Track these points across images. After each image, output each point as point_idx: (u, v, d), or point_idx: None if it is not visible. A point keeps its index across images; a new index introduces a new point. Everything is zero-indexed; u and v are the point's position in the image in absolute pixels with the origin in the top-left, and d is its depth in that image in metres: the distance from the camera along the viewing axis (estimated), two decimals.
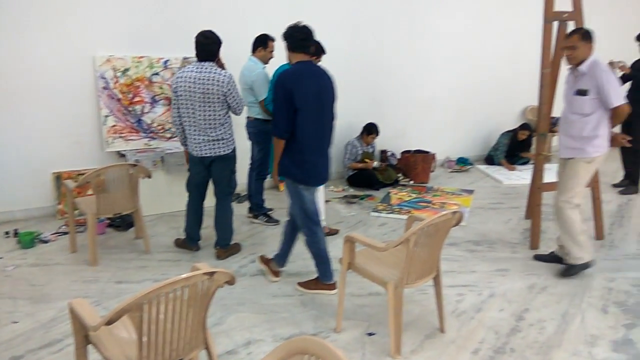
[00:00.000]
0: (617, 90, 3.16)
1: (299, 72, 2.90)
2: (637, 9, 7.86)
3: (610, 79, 3.14)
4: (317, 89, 2.91)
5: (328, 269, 3.15)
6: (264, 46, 4.18)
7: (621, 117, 3.22)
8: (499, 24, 6.72)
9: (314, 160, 2.98)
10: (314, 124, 2.92)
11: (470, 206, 5.06)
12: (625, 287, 3.31)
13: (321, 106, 2.95)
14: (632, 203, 5.17)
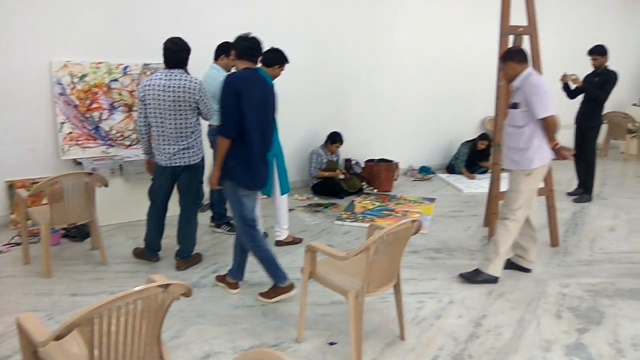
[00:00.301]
0: (544, 103, 3.22)
1: (246, 77, 2.96)
2: (588, 26, 8.23)
3: (537, 91, 3.22)
4: (261, 96, 2.99)
5: (279, 271, 3.14)
6: (227, 54, 4.16)
7: (551, 128, 3.29)
8: (459, 37, 6.90)
9: (259, 165, 3.04)
10: (259, 128, 2.98)
11: (432, 214, 5.15)
12: (578, 292, 3.43)
13: (265, 113, 3.03)
14: (585, 211, 5.38)
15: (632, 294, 3.41)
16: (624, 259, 4.02)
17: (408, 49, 6.62)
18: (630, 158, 8.21)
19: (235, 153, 2.95)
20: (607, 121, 8.06)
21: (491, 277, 3.50)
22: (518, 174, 3.42)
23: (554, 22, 7.78)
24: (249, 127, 2.91)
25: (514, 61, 3.37)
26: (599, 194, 5.97)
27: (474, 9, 6.86)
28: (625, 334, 2.89)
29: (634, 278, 3.66)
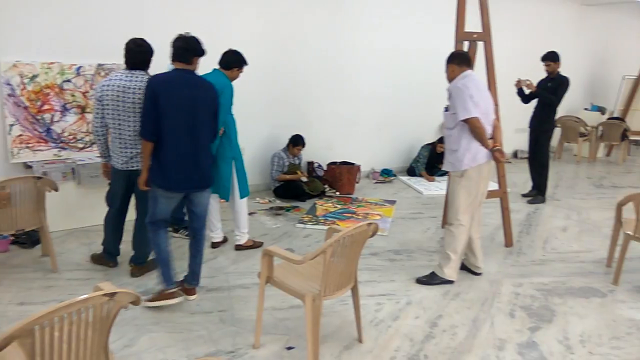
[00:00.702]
0: (465, 105, 3.27)
1: (170, 79, 2.91)
2: (543, 33, 8.53)
3: (460, 94, 3.28)
4: (187, 98, 2.90)
5: (167, 273, 3.10)
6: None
7: (475, 131, 3.32)
8: (420, 41, 7.02)
9: (175, 167, 2.95)
10: (179, 131, 2.90)
11: (392, 216, 5.20)
12: (531, 291, 3.53)
13: (192, 115, 2.93)
14: (539, 212, 5.56)
15: (582, 292, 3.54)
16: (575, 259, 4.17)
17: (369, 52, 6.68)
18: (582, 160, 8.55)
19: (155, 155, 2.95)
20: (561, 125, 8.38)
21: (446, 280, 3.56)
22: (453, 176, 3.50)
23: (511, 29, 8.04)
24: (166, 130, 2.87)
25: (454, 63, 3.43)
26: (552, 195, 6.18)
27: (434, 13, 6.99)
28: (574, 331, 3.00)
29: (583, 277, 3.80)
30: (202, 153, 3.03)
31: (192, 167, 3.00)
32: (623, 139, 8.44)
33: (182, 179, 2.99)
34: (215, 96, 3.08)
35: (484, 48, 4.03)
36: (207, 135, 3.07)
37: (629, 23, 10.23)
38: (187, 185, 3.04)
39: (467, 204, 3.49)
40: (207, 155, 3.09)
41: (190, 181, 3.03)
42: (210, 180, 3.16)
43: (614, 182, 7.11)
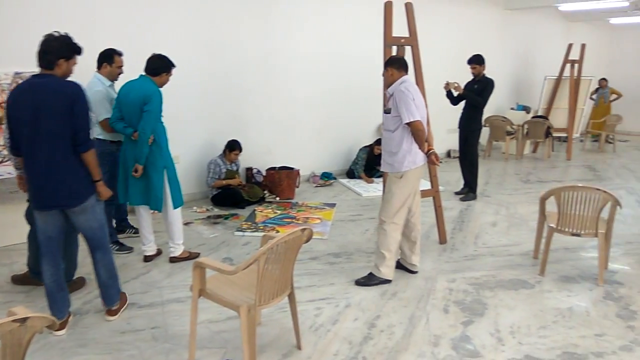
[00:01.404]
0: (409, 109, 3.36)
1: (20, 87, 2.72)
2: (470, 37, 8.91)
3: (404, 98, 3.36)
4: (27, 107, 2.61)
5: (52, 305, 2.88)
6: (110, 62, 3.91)
7: (417, 133, 3.42)
8: (355, 45, 7.13)
9: (34, 182, 2.73)
10: (27, 144, 2.66)
11: (332, 219, 5.23)
12: (464, 286, 3.65)
13: (34, 126, 2.62)
14: (471, 208, 5.78)
15: (511, 284, 3.71)
16: (504, 252, 4.36)
17: (304, 56, 6.70)
18: (510, 158, 9.00)
19: None
20: (489, 125, 8.78)
21: (384, 280, 3.62)
22: (391, 177, 3.57)
23: (439, 33, 8.34)
24: (20, 143, 2.69)
25: (393, 67, 3.52)
26: (483, 192, 6.45)
27: (363, 18, 7.12)
28: (505, 323, 3.12)
29: (512, 269, 3.98)
30: (55, 167, 2.67)
31: (44, 182, 2.68)
32: (547, 136, 8.97)
33: (41, 195, 2.73)
34: (69, 102, 2.62)
35: (411, 52, 4.14)
36: (61, 147, 2.66)
37: (549, 26, 10.93)
38: (46, 202, 2.73)
39: (402, 204, 3.57)
40: (64, 170, 2.69)
41: (47, 198, 2.72)
42: (75, 198, 2.75)
43: (540, 177, 7.53)
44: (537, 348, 2.83)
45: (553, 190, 3.73)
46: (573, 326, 3.08)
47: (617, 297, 3.50)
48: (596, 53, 11.71)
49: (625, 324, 3.12)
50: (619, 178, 7.48)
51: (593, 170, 8.06)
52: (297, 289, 3.47)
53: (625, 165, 8.54)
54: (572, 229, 3.70)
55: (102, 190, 2.86)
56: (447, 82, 5.78)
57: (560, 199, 3.66)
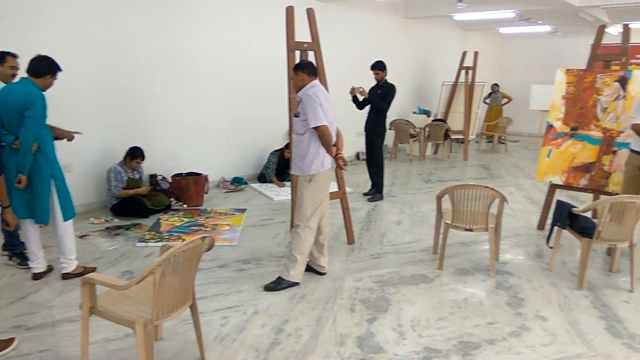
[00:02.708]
0: (316, 113, 3.41)
1: None
2: (374, 44, 9.25)
3: (312, 102, 3.42)
4: None
5: None
6: (0, 63, 3.58)
7: (324, 138, 3.48)
8: (262, 48, 7.09)
9: None
10: None
11: (242, 225, 5.15)
12: (370, 284, 3.76)
13: None
14: (378, 209, 5.98)
15: (412, 279, 3.88)
16: (407, 249, 4.56)
17: (211, 58, 6.55)
18: (414, 159, 9.46)
19: None
20: (394, 128, 9.17)
21: (293, 283, 3.62)
22: (302, 181, 3.61)
23: (345, 39, 8.57)
24: None
25: (304, 72, 3.56)
26: (389, 193, 6.72)
27: (272, 19, 7.11)
28: (406, 317, 3.25)
29: (414, 265, 4.17)
30: None
31: None
32: (446, 138, 9.55)
33: None
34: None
35: (314, 57, 4.20)
36: None
37: (446, 35, 11.65)
38: None
39: (315, 208, 3.61)
40: None
41: None
42: None
43: (440, 176, 7.99)
44: (435, 339, 2.98)
45: (447, 189, 3.96)
46: (468, 316, 3.29)
47: (507, 286, 3.79)
48: (489, 60, 12.70)
49: (514, 311, 3.38)
50: (510, 175, 8.14)
51: (487, 169, 8.71)
52: (203, 298, 3.40)
53: (516, 163, 9.33)
54: (465, 225, 3.96)
55: (9, 218, 2.68)
56: (353, 87, 5.94)
57: (453, 197, 3.90)
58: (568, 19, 9.56)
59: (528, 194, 6.82)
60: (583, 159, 4.80)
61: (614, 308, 3.42)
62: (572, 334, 3.06)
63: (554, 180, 4.95)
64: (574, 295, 3.61)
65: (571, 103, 4.91)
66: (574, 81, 4.90)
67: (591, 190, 4.78)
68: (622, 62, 4.79)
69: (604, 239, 3.64)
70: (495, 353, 2.84)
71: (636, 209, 3.52)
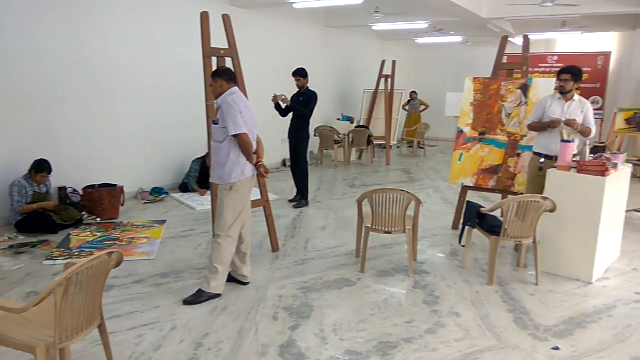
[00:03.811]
0: (236, 121, 3.37)
1: None
2: (297, 51, 9.32)
3: (231, 110, 3.37)
4: None
5: None
6: None
7: (243, 145, 3.44)
8: (180, 55, 6.90)
9: None
10: None
11: (161, 237, 4.96)
12: (293, 291, 3.75)
13: None
14: (303, 215, 6.00)
15: (336, 284, 3.92)
16: (331, 254, 4.61)
17: (125, 64, 6.27)
18: (339, 165, 9.62)
19: None
20: (318, 134, 9.28)
21: (214, 295, 3.53)
22: (221, 189, 3.55)
23: (267, 47, 8.57)
24: None
25: (223, 79, 3.50)
26: (314, 198, 6.77)
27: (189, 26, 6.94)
28: (329, 322, 3.28)
29: (337, 269, 4.22)
30: None
31: None
32: (369, 144, 9.80)
33: None
34: None
35: (232, 64, 4.14)
36: None
37: (366, 44, 12.00)
38: None
39: (235, 217, 3.54)
40: None
41: None
42: None
43: (364, 181, 8.19)
44: (356, 342, 3.02)
45: (366, 194, 4.06)
46: (388, 316, 3.37)
47: (424, 285, 3.94)
48: (406, 69, 13.23)
49: (430, 309, 3.52)
50: (428, 179, 8.51)
51: (408, 173, 9.04)
52: (116, 317, 3.23)
53: (434, 167, 9.77)
54: (384, 228, 4.07)
55: None
56: (275, 95, 5.94)
57: (372, 201, 4.00)
58: (477, 30, 10.20)
59: (444, 195, 7.16)
60: (491, 162, 5.12)
61: (522, 301, 3.66)
62: (484, 328, 3.23)
63: (466, 182, 5.24)
64: (485, 291, 3.82)
65: (479, 109, 5.23)
66: (481, 89, 5.23)
67: (499, 191, 5.11)
68: (523, 70, 5.17)
69: (510, 236, 3.90)
70: (413, 351, 2.93)
71: (537, 207, 3.80)
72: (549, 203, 3.79)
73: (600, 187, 3.83)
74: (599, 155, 4.16)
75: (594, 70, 9.72)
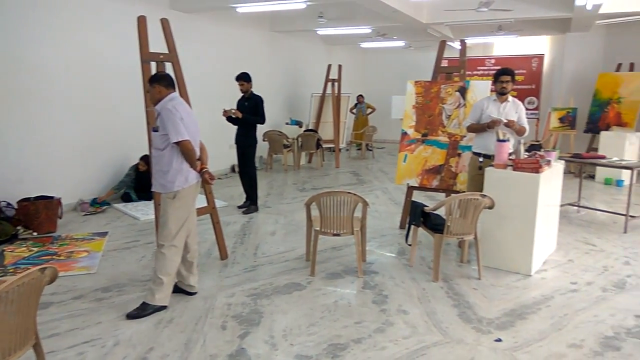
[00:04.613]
0: (177, 128, 3.28)
1: None
2: (242, 56, 9.24)
3: (171, 116, 3.28)
4: None
5: None
6: None
7: (186, 152, 3.36)
8: (117, 60, 6.67)
9: None
10: None
11: (103, 250, 4.76)
12: (243, 299, 3.70)
13: None
14: (253, 221, 5.94)
15: (286, 289, 3.90)
16: (281, 259, 4.58)
17: (59, 69, 5.99)
18: (289, 169, 9.61)
19: None
20: (267, 139, 9.23)
21: (159, 307, 3.43)
22: (164, 198, 3.45)
23: (212, 52, 8.45)
24: None
25: (161, 85, 3.41)
26: (264, 204, 6.72)
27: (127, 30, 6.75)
28: (279, 328, 3.25)
29: (288, 274, 4.20)
30: None
31: None
32: (318, 148, 9.86)
33: None
34: None
35: (172, 69, 4.05)
36: None
37: (312, 48, 12.07)
38: None
39: (180, 225, 3.45)
40: None
41: None
42: None
43: (314, 185, 8.21)
44: (306, 346, 3.02)
45: (314, 197, 4.07)
46: (337, 318, 3.39)
47: (373, 285, 3.99)
48: (352, 73, 13.42)
49: (379, 308, 3.56)
50: (377, 180, 8.65)
51: (357, 175, 9.16)
52: (55, 335, 3.08)
53: (381, 168, 9.94)
54: (333, 230, 4.09)
55: None
56: (225, 110, 5.93)
57: (320, 204, 4.01)
58: (419, 35, 10.50)
59: (392, 196, 7.30)
60: (434, 162, 5.27)
61: (465, 295, 3.78)
62: (430, 324, 3.31)
63: (411, 182, 5.37)
64: (431, 287, 3.92)
65: (421, 112, 5.38)
66: (422, 92, 5.38)
67: (442, 190, 5.27)
68: (461, 73, 5.36)
69: (452, 233, 4.02)
70: (362, 351, 2.96)
71: (477, 204, 3.95)
72: (488, 200, 3.95)
73: (535, 183, 4.02)
74: (533, 153, 4.37)
75: (529, 72, 10.23)
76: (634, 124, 8.64)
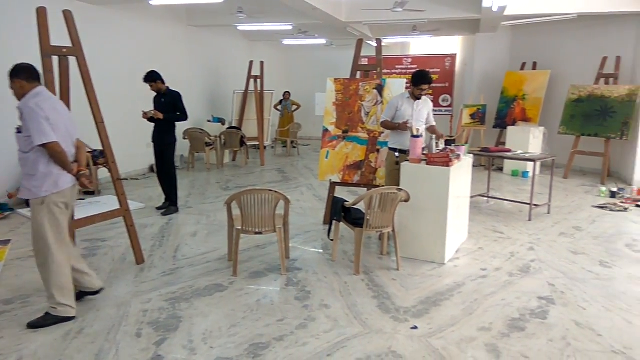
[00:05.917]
0: (41, 128, 2.99)
1: None
2: (158, 51, 8.88)
3: (34, 116, 2.98)
4: None
5: None
6: None
7: (54, 155, 3.07)
8: (18, 54, 6.14)
9: None
10: None
11: (5, 259, 4.36)
12: (160, 304, 3.56)
13: None
14: (172, 222, 5.74)
15: (207, 291, 3.80)
16: (202, 260, 4.47)
17: None
18: (212, 167, 9.40)
19: None
20: (188, 137, 8.96)
21: (64, 318, 3.21)
22: (33, 205, 3.14)
23: (123, 46, 8.04)
24: None
25: (22, 79, 3.08)
26: (185, 204, 6.52)
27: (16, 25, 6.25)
28: (198, 331, 3.17)
29: (209, 275, 4.10)
30: None
31: None
32: (242, 145, 9.72)
33: None
34: None
35: (77, 63, 3.80)
36: None
37: (233, 44, 11.87)
38: None
39: (57, 233, 3.16)
40: None
41: None
42: None
43: (239, 183, 8.09)
44: (227, 348, 2.96)
45: (234, 196, 4.00)
46: (260, 317, 3.36)
47: (297, 281, 4.00)
48: (275, 69, 13.37)
49: (301, 304, 3.58)
50: (302, 177, 8.68)
51: (282, 173, 9.14)
52: None
53: (307, 165, 10.00)
54: (255, 229, 4.05)
55: None
56: (144, 112, 5.68)
57: (241, 202, 3.95)
58: (339, 33, 10.66)
59: (317, 192, 7.36)
60: (354, 158, 5.38)
61: (385, 286, 3.90)
62: (351, 317, 3.38)
63: (333, 178, 5.45)
64: (352, 281, 4.00)
65: (341, 109, 5.46)
66: (342, 89, 5.47)
67: (363, 185, 5.40)
68: (377, 72, 5.51)
69: (372, 226, 4.13)
70: (284, 348, 2.96)
71: (393, 198, 4.08)
72: (404, 194, 4.09)
73: (446, 176, 4.23)
74: (444, 148, 4.59)
75: (443, 71, 10.73)
76: (538, 119, 9.35)
